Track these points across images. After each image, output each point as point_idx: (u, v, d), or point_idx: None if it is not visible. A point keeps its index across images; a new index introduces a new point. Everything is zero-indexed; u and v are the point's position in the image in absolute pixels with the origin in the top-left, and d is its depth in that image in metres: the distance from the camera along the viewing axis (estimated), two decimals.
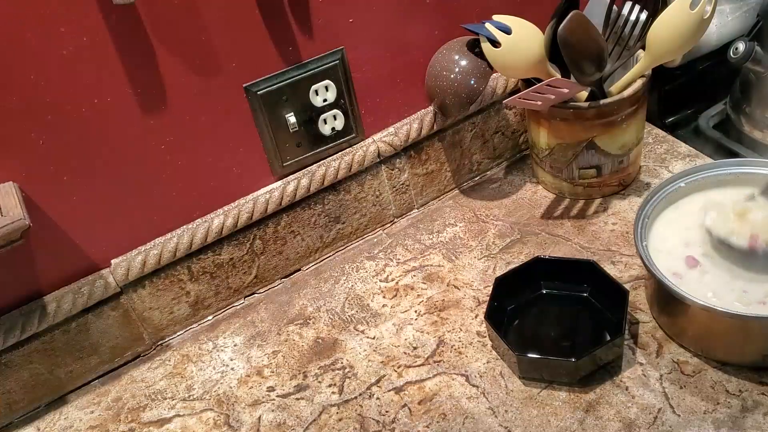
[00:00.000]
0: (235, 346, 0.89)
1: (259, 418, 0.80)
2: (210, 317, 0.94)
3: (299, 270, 0.98)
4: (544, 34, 0.86)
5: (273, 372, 0.85)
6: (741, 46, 0.95)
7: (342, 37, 0.86)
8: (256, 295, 0.96)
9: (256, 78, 0.83)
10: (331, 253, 1.00)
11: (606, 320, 0.80)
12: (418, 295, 0.90)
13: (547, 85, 0.84)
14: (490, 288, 0.82)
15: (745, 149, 1.01)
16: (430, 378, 0.79)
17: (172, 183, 0.84)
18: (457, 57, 0.89)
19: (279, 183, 0.91)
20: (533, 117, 0.95)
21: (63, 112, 0.74)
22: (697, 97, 1.10)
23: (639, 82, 0.89)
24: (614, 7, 0.88)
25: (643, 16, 0.87)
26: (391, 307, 0.89)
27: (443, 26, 0.92)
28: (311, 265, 0.99)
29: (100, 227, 0.82)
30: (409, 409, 0.77)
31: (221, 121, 0.84)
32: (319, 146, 0.91)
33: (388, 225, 1.02)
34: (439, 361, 0.81)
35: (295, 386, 0.82)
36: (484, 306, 0.83)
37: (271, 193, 0.90)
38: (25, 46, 0.69)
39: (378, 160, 0.95)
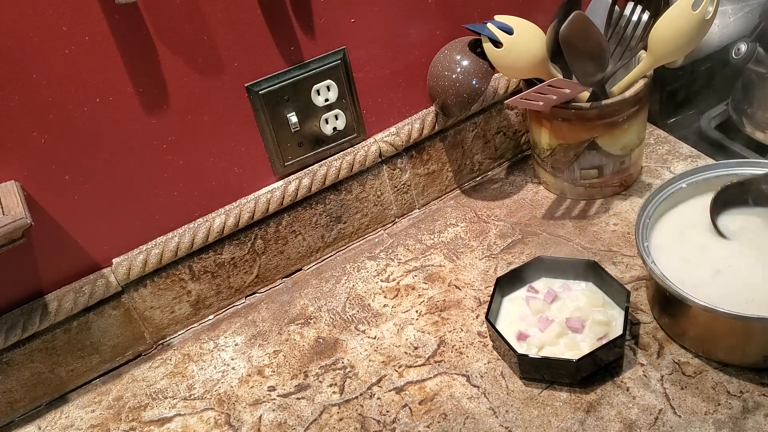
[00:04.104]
0: (236, 345, 0.89)
1: (260, 417, 0.80)
2: (211, 317, 0.95)
3: (300, 270, 0.98)
4: (545, 34, 0.86)
5: (274, 371, 0.85)
6: (743, 47, 0.95)
7: (344, 37, 0.86)
8: (257, 294, 0.96)
9: (257, 77, 0.83)
10: (332, 253, 1.00)
11: None
12: (419, 295, 0.90)
13: (549, 86, 0.84)
14: (491, 288, 0.82)
15: (746, 150, 1.01)
16: (430, 378, 0.79)
17: (174, 182, 0.84)
18: (458, 57, 0.89)
19: (280, 182, 0.91)
20: (535, 117, 0.95)
21: (65, 111, 0.74)
22: (699, 97, 1.10)
23: (641, 83, 0.89)
24: (616, 7, 0.88)
25: (645, 16, 0.87)
26: (392, 307, 0.89)
27: (445, 26, 0.92)
28: (312, 264, 0.99)
29: (102, 226, 0.82)
30: (410, 409, 0.77)
31: (223, 121, 0.84)
32: (321, 146, 0.91)
33: (390, 225, 1.03)
34: (440, 361, 0.81)
35: (295, 386, 0.82)
36: (485, 306, 0.83)
37: (272, 193, 0.90)
38: (27, 46, 0.69)
39: (379, 159, 0.95)
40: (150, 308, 0.89)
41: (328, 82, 0.87)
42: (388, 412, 0.77)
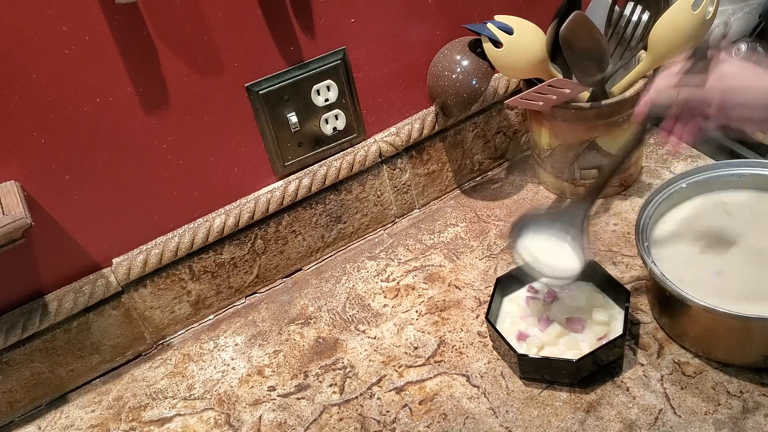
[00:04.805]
0: (236, 345, 0.89)
1: (260, 417, 0.80)
2: (211, 317, 0.95)
3: (300, 270, 0.98)
4: (545, 34, 0.86)
5: (274, 371, 0.85)
6: (743, 47, 0.95)
7: (344, 37, 0.86)
8: (257, 294, 0.96)
9: (257, 78, 0.83)
10: (332, 253, 1.00)
11: None
12: (419, 295, 0.90)
13: (549, 86, 0.84)
14: (491, 288, 0.82)
15: (746, 150, 1.01)
16: (430, 378, 0.79)
17: (174, 182, 0.84)
18: (458, 57, 0.89)
19: (280, 182, 0.91)
20: (535, 117, 0.95)
21: (65, 111, 0.74)
22: None
23: (641, 83, 0.89)
24: (616, 7, 0.88)
25: (645, 16, 0.87)
26: (392, 307, 0.89)
27: (445, 26, 0.92)
28: (312, 264, 0.99)
29: (102, 226, 0.82)
30: (410, 409, 0.77)
31: (223, 121, 0.84)
32: (321, 146, 0.91)
33: (390, 225, 1.03)
34: (440, 361, 0.81)
35: (295, 386, 0.82)
36: (485, 306, 0.83)
37: (272, 193, 0.90)
38: (27, 46, 0.69)
39: (379, 159, 0.95)
40: (150, 308, 0.89)
41: (328, 82, 0.87)
42: (388, 412, 0.77)
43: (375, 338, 0.86)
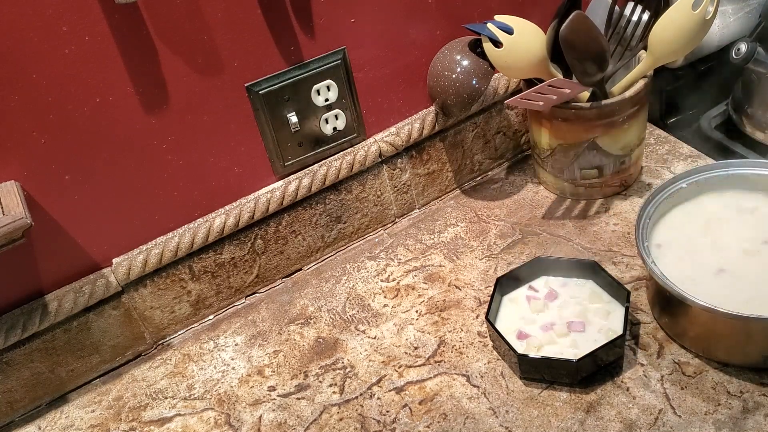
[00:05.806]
0: (236, 345, 0.89)
1: (260, 417, 0.80)
2: (211, 316, 0.95)
3: (300, 270, 0.98)
4: (546, 34, 0.86)
5: (274, 371, 0.85)
6: (743, 47, 0.95)
7: (344, 37, 0.86)
8: (257, 294, 0.96)
9: (257, 77, 0.83)
10: (332, 253, 1.00)
11: None
12: (419, 295, 0.90)
13: (549, 86, 0.84)
14: (491, 288, 0.82)
15: (746, 150, 1.01)
16: (430, 378, 0.79)
17: (174, 182, 0.84)
18: (458, 57, 0.89)
19: (280, 182, 0.91)
20: (535, 117, 0.95)
21: (65, 111, 0.74)
22: (699, 97, 1.10)
23: (641, 83, 0.89)
24: (616, 7, 0.88)
25: (645, 16, 0.87)
26: (392, 307, 0.89)
27: (445, 26, 0.92)
28: (312, 264, 0.99)
29: (102, 226, 0.82)
30: (410, 409, 0.77)
31: (223, 121, 0.84)
32: (321, 146, 0.91)
33: (390, 225, 1.03)
34: (440, 361, 0.81)
35: (295, 386, 0.82)
36: (485, 306, 0.83)
37: (272, 193, 0.90)
38: (27, 46, 0.69)
39: (379, 159, 0.95)
40: (150, 308, 0.89)
41: (328, 82, 0.87)
42: (388, 412, 0.77)
43: (375, 338, 0.86)
